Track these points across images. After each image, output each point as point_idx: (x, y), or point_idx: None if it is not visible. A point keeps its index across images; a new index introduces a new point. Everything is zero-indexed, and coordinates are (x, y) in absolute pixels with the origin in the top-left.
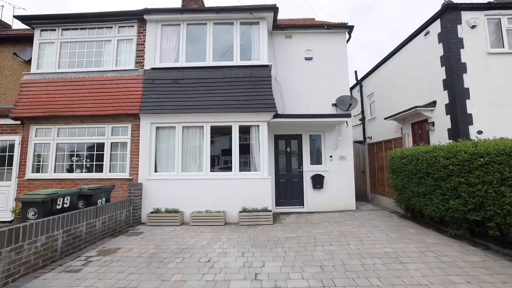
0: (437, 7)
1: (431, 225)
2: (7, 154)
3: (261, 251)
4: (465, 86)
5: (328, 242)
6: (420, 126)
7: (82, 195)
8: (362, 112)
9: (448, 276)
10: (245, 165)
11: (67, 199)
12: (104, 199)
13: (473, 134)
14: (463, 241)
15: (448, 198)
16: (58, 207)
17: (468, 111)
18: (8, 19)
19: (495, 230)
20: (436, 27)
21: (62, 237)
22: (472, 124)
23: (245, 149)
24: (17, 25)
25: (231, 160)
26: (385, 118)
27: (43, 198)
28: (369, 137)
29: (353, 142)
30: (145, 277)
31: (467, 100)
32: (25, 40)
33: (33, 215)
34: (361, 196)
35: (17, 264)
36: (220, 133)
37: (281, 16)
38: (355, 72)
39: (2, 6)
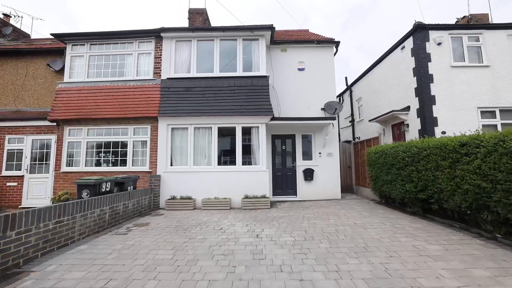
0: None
1: (398, 208)
2: (45, 151)
3: (261, 224)
4: (432, 94)
5: (313, 218)
6: (399, 127)
7: (117, 182)
8: (352, 114)
9: (395, 234)
10: (247, 160)
11: (108, 184)
12: (132, 186)
13: (438, 134)
14: (417, 216)
15: (405, 183)
16: (102, 190)
17: (434, 115)
18: (26, 26)
19: (435, 205)
20: (409, 43)
21: (108, 212)
22: (438, 125)
23: (246, 147)
24: (36, 33)
25: (235, 156)
26: (369, 120)
27: (94, 182)
28: (357, 137)
29: (342, 142)
30: (176, 237)
31: (433, 106)
32: (55, 52)
33: (86, 194)
34: (347, 189)
35: (84, 227)
36: (225, 132)
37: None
38: (346, 78)
39: (21, 17)
